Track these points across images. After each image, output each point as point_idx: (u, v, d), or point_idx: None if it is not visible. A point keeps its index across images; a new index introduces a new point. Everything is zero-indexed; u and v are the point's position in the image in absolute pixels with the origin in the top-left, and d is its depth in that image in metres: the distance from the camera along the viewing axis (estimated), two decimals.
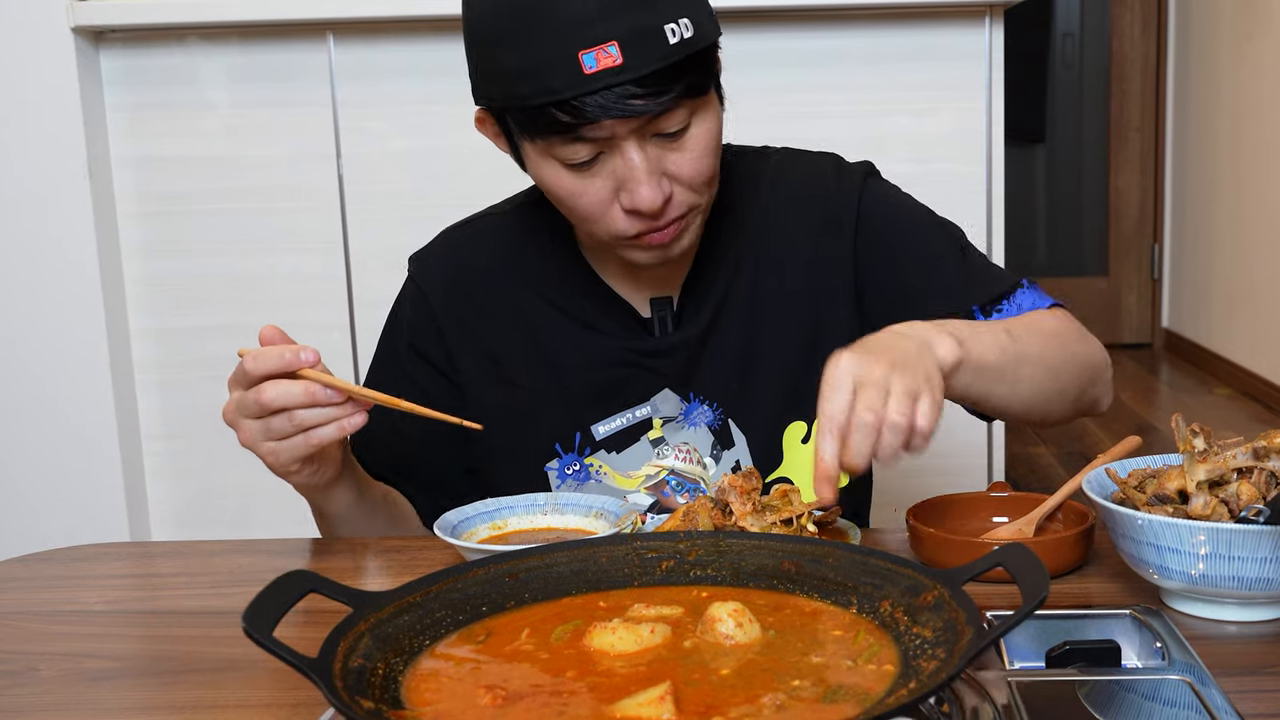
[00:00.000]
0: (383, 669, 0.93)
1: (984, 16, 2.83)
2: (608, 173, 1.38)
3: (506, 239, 1.62)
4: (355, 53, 2.90)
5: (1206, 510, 1.15)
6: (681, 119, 1.37)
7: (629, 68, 1.30)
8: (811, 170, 1.60)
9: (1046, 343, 1.43)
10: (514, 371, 1.58)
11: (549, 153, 1.38)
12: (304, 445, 1.37)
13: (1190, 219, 5.95)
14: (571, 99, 1.31)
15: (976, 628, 0.87)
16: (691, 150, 1.39)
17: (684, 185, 1.41)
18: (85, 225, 2.89)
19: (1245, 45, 5.14)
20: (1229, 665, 1.06)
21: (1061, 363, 1.44)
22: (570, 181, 1.39)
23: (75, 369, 2.94)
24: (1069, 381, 1.46)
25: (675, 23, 1.33)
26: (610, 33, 1.29)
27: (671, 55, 1.32)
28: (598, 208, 1.40)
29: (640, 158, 1.36)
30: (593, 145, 1.35)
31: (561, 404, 1.57)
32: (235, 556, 1.48)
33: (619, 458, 1.57)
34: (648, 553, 1.10)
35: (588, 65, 1.29)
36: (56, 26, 2.82)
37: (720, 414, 1.56)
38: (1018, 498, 1.42)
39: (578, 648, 0.97)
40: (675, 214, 1.41)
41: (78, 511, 2.97)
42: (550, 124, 1.34)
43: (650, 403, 1.56)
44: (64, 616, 1.33)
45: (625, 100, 1.31)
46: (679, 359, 1.56)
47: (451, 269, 1.62)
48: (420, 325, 1.61)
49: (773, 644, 0.97)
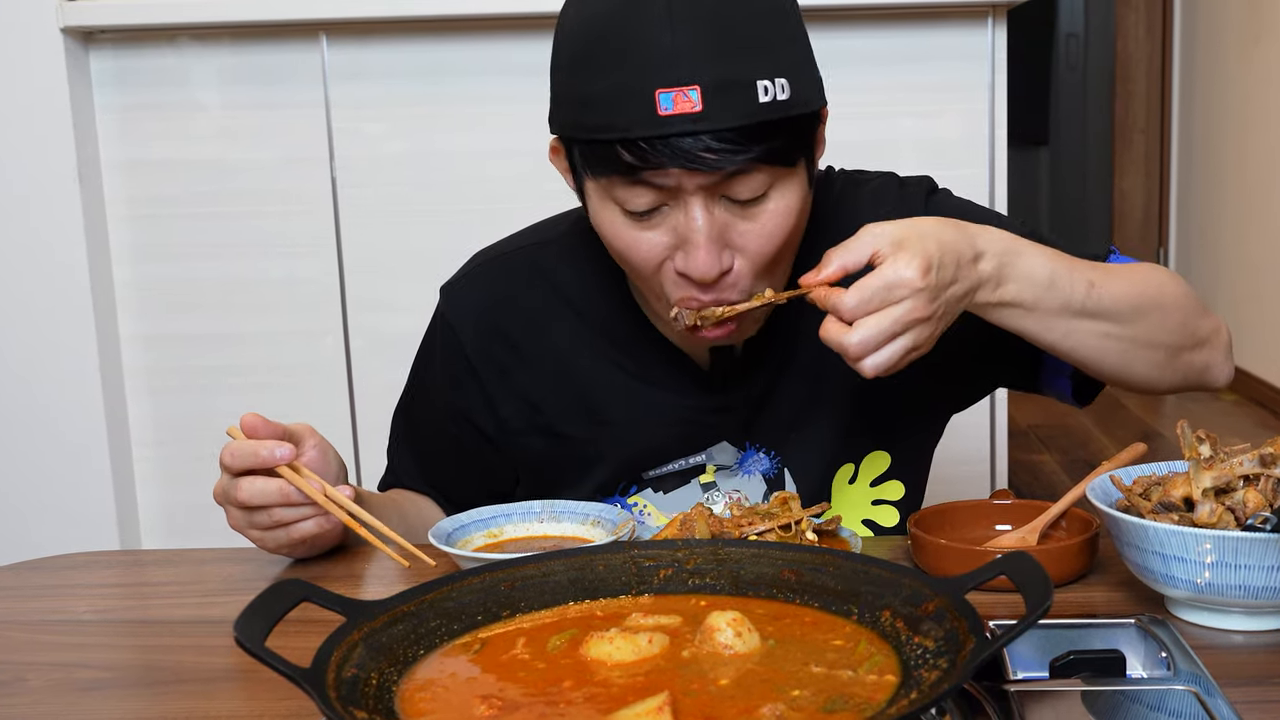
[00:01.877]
0: (376, 679, 0.93)
1: (986, 17, 2.83)
2: (668, 228, 1.30)
3: (550, 273, 1.53)
4: (349, 53, 2.90)
5: (1212, 518, 1.15)
6: (758, 186, 1.28)
7: (708, 117, 1.22)
8: (877, 199, 1.52)
9: (1138, 298, 1.37)
10: (558, 422, 1.52)
11: (609, 194, 1.30)
12: (286, 538, 1.39)
13: (1196, 223, 5.95)
14: (640, 139, 1.23)
15: (979, 637, 0.87)
16: (764, 224, 1.30)
17: (748, 262, 1.31)
18: (75, 229, 2.89)
19: (1252, 48, 5.15)
20: (1236, 675, 1.06)
21: (1151, 322, 1.38)
22: (626, 231, 1.31)
23: (65, 375, 2.94)
24: (1157, 342, 1.40)
25: (771, 80, 1.24)
26: (695, 76, 1.22)
27: (758, 114, 1.24)
28: (649, 264, 1.32)
29: (704, 218, 1.27)
30: (656, 194, 1.28)
31: (609, 456, 1.52)
32: (227, 565, 1.48)
33: (665, 498, 1.53)
34: (645, 561, 1.10)
35: (664, 106, 1.22)
36: (46, 27, 2.83)
37: (778, 463, 1.52)
38: (1021, 505, 1.41)
39: (574, 657, 0.97)
40: (729, 294, 1.32)
41: (67, 519, 2.97)
42: (613, 163, 1.26)
43: (706, 453, 1.52)
44: (53, 626, 1.32)
45: (698, 152, 1.23)
46: (739, 413, 1.51)
47: (485, 305, 1.54)
48: (454, 370, 1.55)
49: (772, 654, 0.97)
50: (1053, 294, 1.31)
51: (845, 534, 1.35)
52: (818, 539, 1.29)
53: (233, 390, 2.98)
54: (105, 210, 2.96)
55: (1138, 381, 1.43)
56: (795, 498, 1.34)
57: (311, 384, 2.99)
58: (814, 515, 1.32)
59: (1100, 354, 1.37)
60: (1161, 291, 1.41)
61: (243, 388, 2.98)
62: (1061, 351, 1.36)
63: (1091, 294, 1.33)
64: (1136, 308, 1.37)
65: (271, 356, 2.98)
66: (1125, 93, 6.32)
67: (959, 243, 1.25)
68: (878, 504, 1.56)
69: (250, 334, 2.98)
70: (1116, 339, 1.36)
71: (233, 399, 2.97)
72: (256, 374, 2.98)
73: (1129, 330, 1.37)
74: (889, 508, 1.56)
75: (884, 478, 1.56)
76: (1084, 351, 1.36)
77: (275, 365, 2.99)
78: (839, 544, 1.33)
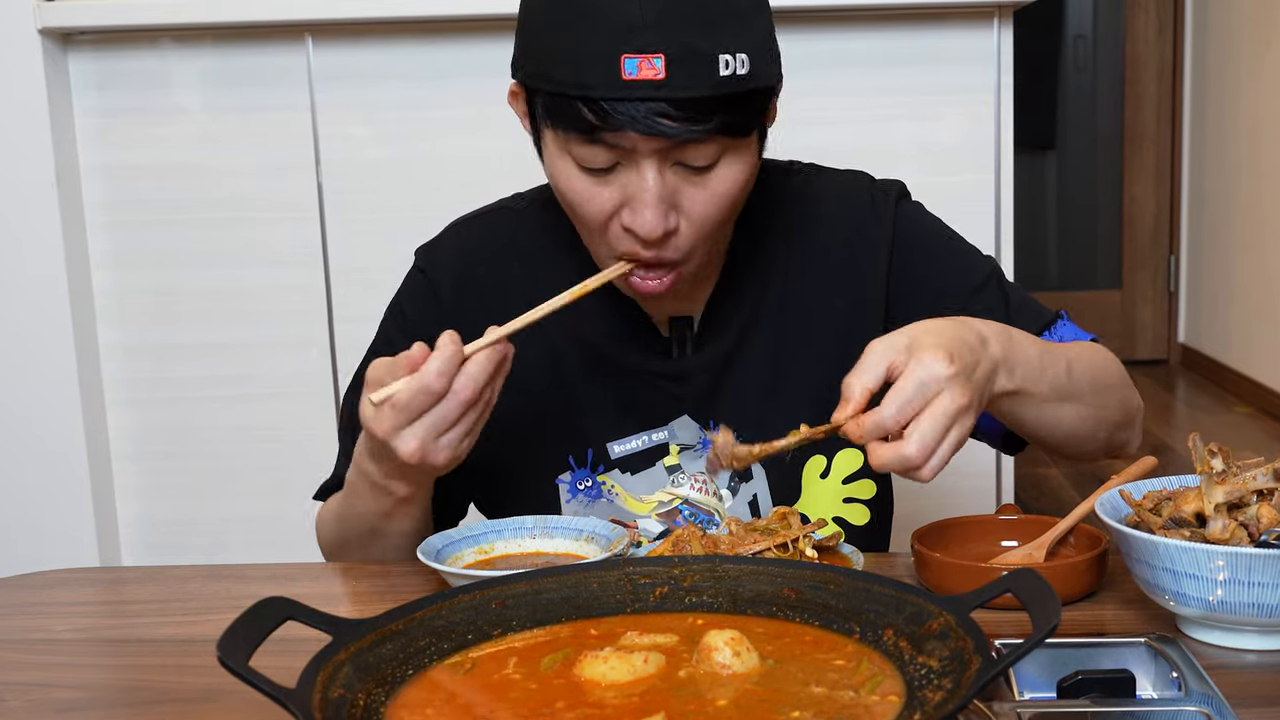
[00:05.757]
0: (364, 700, 0.93)
1: (992, 18, 2.84)
2: (619, 185, 1.37)
3: (523, 236, 1.61)
4: (335, 56, 2.90)
5: (1225, 534, 1.15)
6: (710, 155, 1.35)
7: (669, 85, 1.29)
8: (842, 191, 1.59)
9: (1096, 379, 1.45)
10: (525, 379, 1.54)
11: (567, 149, 1.37)
12: (487, 414, 1.37)
13: (1208, 229, 5.97)
14: (602, 99, 1.30)
15: (984, 657, 0.88)
16: (712, 191, 1.38)
17: (692, 225, 1.39)
18: (53, 236, 2.89)
19: (1265, 50, 5.16)
20: (1248, 696, 1.06)
21: (1106, 402, 1.46)
22: (581, 184, 1.38)
23: (42, 386, 2.94)
24: (1109, 420, 1.48)
25: (731, 55, 1.31)
26: (659, 44, 1.28)
27: (719, 86, 1.30)
28: (599, 218, 1.39)
29: (655, 180, 1.34)
30: (611, 153, 1.34)
31: (575, 417, 1.57)
32: (209, 582, 1.48)
33: (633, 479, 1.56)
34: (641, 578, 1.11)
35: (628, 71, 1.28)
36: (23, 28, 2.83)
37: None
38: (1028, 521, 1.42)
39: (568, 678, 0.97)
40: (672, 254, 1.40)
41: (44, 535, 2.96)
42: (574, 119, 1.33)
43: (668, 428, 1.56)
44: (31, 645, 1.32)
45: (655, 117, 1.29)
46: (698, 384, 1.55)
47: (462, 263, 1.61)
48: (427, 320, 1.57)
49: (771, 674, 0.97)
50: (1045, 378, 1.36)
51: (847, 550, 1.35)
52: (818, 555, 1.29)
53: (215, 402, 2.98)
54: (84, 216, 2.96)
55: (1083, 454, 1.53)
56: (795, 512, 1.34)
57: (296, 396, 2.99)
58: (813, 531, 1.32)
59: (1077, 432, 1.45)
60: (1108, 371, 1.50)
61: (226, 399, 2.98)
62: (1045, 434, 1.44)
63: (1070, 375, 1.40)
64: (1101, 385, 1.47)
65: (255, 367, 2.98)
66: (1135, 96, 6.33)
67: (962, 330, 1.28)
68: (849, 502, 1.59)
69: (234, 344, 2.98)
70: (1089, 420, 1.45)
71: (215, 411, 2.98)
72: (240, 385, 2.98)
73: (1094, 411, 1.45)
74: (860, 506, 1.60)
75: (856, 476, 1.59)
76: (1064, 430, 1.44)
77: (259, 376, 2.98)
78: (840, 561, 1.33)
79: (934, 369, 1.21)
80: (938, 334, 1.25)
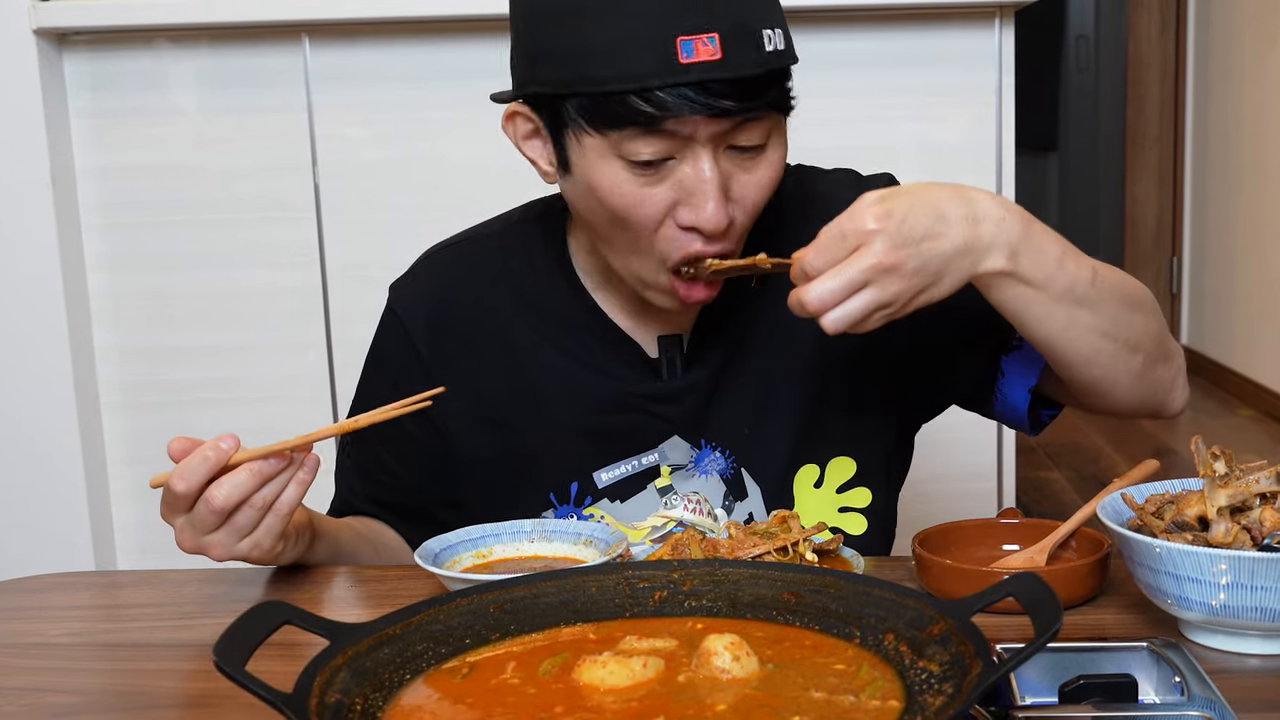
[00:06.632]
0: (361, 704, 0.93)
1: (993, 18, 2.84)
2: (672, 182, 1.33)
3: (496, 263, 1.57)
4: (331, 56, 2.90)
5: (1228, 538, 1.15)
6: (762, 134, 1.34)
7: (726, 65, 1.27)
8: (830, 193, 1.52)
9: (1125, 297, 1.38)
10: (505, 413, 1.53)
11: (616, 150, 1.32)
12: (276, 521, 1.36)
13: (1211, 231, 5.97)
14: (658, 88, 1.27)
15: (985, 661, 0.88)
16: (761, 174, 1.36)
17: (744, 212, 1.37)
18: (48, 237, 2.89)
19: (1268, 50, 5.16)
20: (1252, 701, 1.06)
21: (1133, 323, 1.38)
22: (630, 188, 1.33)
23: (37, 389, 2.94)
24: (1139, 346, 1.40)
25: (772, 30, 1.31)
26: (713, 24, 1.26)
27: (768, 62, 1.30)
28: (652, 222, 1.35)
29: (712, 169, 1.32)
30: (669, 144, 1.31)
31: (559, 451, 1.53)
32: (206, 586, 1.48)
33: (623, 507, 1.54)
34: (640, 582, 1.10)
35: (684, 54, 1.26)
36: (18, 29, 2.83)
37: (733, 462, 1.53)
38: (1029, 524, 1.42)
39: (566, 682, 0.97)
40: (733, 246, 1.38)
41: (39, 538, 2.96)
42: (627, 114, 1.29)
43: (658, 450, 1.53)
44: (25, 650, 1.32)
45: (717, 99, 1.27)
46: (688, 404, 1.52)
47: (435, 299, 1.57)
48: (405, 365, 1.57)
49: (771, 678, 0.97)
50: (1062, 274, 1.30)
51: (847, 554, 1.35)
52: (818, 559, 1.29)
53: (211, 405, 2.98)
54: (79, 218, 2.96)
55: (1112, 393, 1.42)
56: (795, 516, 1.34)
57: (293, 399, 2.99)
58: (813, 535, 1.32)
59: (1093, 354, 1.36)
60: (1144, 295, 1.42)
61: (222, 402, 2.98)
62: (1057, 347, 1.35)
63: (1095, 281, 1.33)
64: (1130, 305, 1.38)
65: (252, 370, 2.98)
66: (1137, 96, 6.33)
67: (948, 201, 1.25)
68: (845, 511, 1.57)
69: (230, 346, 2.98)
70: (1111, 339, 1.36)
71: (211, 414, 2.97)
72: (236, 388, 2.98)
73: (1121, 330, 1.37)
74: (857, 515, 1.57)
75: (850, 484, 1.57)
76: (1078, 348, 1.35)
77: (256, 379, 2.99)
78: (840, 564, 1.33)
79: (858, 221, 1.22)
80: (911, 193, 1.25)
